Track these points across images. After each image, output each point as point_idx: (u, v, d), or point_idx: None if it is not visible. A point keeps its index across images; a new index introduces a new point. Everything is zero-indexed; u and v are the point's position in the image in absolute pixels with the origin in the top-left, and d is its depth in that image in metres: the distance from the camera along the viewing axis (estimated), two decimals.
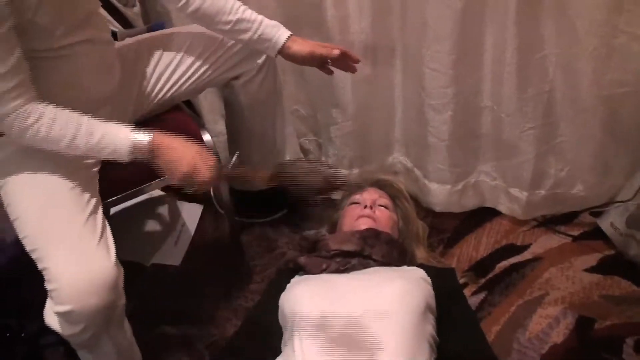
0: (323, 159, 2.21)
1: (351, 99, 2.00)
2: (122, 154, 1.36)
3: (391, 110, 2.07)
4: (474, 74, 1.85)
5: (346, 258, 1.50)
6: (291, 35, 1.68)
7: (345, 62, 1.75)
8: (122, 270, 1.35)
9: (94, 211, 1.39)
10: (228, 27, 1.64)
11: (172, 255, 2.09)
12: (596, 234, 1.98)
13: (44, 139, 1.30)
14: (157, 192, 2.28)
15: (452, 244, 2.03)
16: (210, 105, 2.21)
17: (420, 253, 1.76)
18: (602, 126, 1.83)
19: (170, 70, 1.72)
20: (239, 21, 1.63)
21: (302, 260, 1.53)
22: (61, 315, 1.28)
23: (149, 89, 1.71)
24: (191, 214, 2.23)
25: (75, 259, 1.29)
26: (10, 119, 1.26)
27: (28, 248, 1.33)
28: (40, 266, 1.30)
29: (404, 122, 2.08)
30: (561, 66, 1.74)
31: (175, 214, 2.23)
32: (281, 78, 1.93)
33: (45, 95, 1.32)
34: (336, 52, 1.70)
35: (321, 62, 1.73)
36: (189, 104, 2.07)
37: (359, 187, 1.83)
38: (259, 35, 1.64)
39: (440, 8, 1.71)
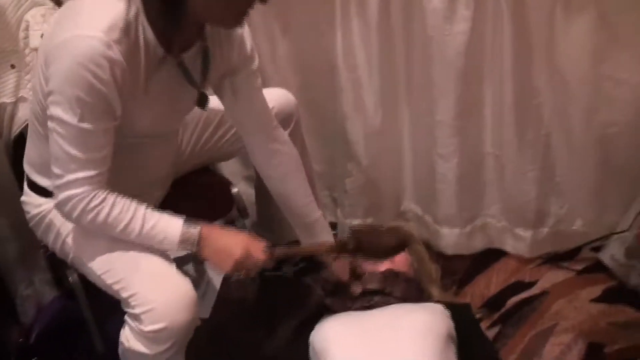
0: (338, 211, 2.34)
1: (364, 152, 2.14)
2: (172, 242, 1.42)
3: (401, 161, 2.20)
4: (477, 123, 2.00)
5: (368, 296, 1.61)
6: None
7: None
8: None
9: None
10: (296, 205, 1.76)
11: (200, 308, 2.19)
12: (598, 267, 2.08)
13: (102, 222, 1.37)
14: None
15: (464, 284, 2.14)
16: (229, 167, 2.36)
17: (435, 292, 1.88)
18: (597, 164, 1.97)
19: (209, 133, 1.85)
20: (304, 206, 1.77)
21: (328, 301, 1.65)
22: (153, 334, 1.39)
23: (188, 150, 1.85)
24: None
25: (162, 282, 1.43)
26: (75, 201, 1.34)
27: (109, 281, 1.44)
28: (125, 294, 1.42)
29: (414, 171, 2.21)
30: (555, 112, 1.89)
31: (199, 269, 2.34)
32: None
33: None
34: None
35: None
36: None
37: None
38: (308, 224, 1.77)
39: (443, 67, 1.89)
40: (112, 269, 1.46)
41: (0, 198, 1.93)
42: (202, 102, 1.51)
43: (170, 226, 1.43)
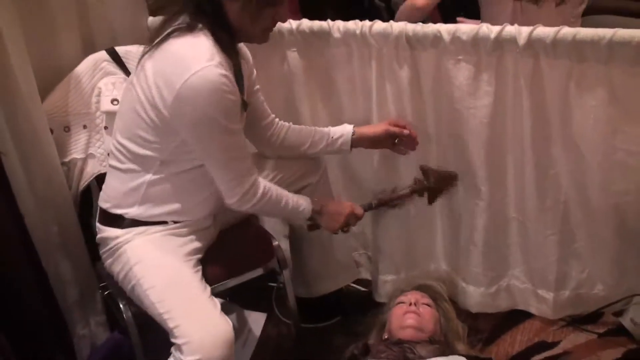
0: (374, 268, 2.47)
1: (398, 213, 2.27)
2: (307, 211, 1.87)
3: (433, 222, 2.31)
4: (501, 189, 2.12)
5: None
6: (354, 125, 2.02)
7: (409, 141, 2.05)
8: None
9: (211, 293, 1.71)
10: (307, 144, 2.00)
11: (240, 357, 2.32)
12: (620, 331, 2.15)
13: (271, 201, 1.75)
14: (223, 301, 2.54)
15: (490, 343, 2.22)
16: (271, 224, 2.50)
17: (461, 348, 1.99)
18: (613, 231, 2.04)
19: None
20: (315, 135, 2.01)
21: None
22: None
23: None
24: (256, 320, 2.48)
25: (204, 320, 1.60)
26: (253, 189, 1.69)
27: (160, 310, 1.63)
28: (171, 325, 1.60)
29: (444, 232, 2.32)
30: (572, 180, 1.99)
31: (241, 320, 2.49)
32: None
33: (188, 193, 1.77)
34: (406, 131, 2.02)
35: (392, 142, 2.07)
36: None
37: (403, 291, 2.10)
38: (332, 137, 2.00)
39: (469, 137, 2.04)
40: (165, 300, 1.64)
41: (67, 244, 2.10)
42: (245, 106, 1.74)
43: (302, 199, 1.87)
